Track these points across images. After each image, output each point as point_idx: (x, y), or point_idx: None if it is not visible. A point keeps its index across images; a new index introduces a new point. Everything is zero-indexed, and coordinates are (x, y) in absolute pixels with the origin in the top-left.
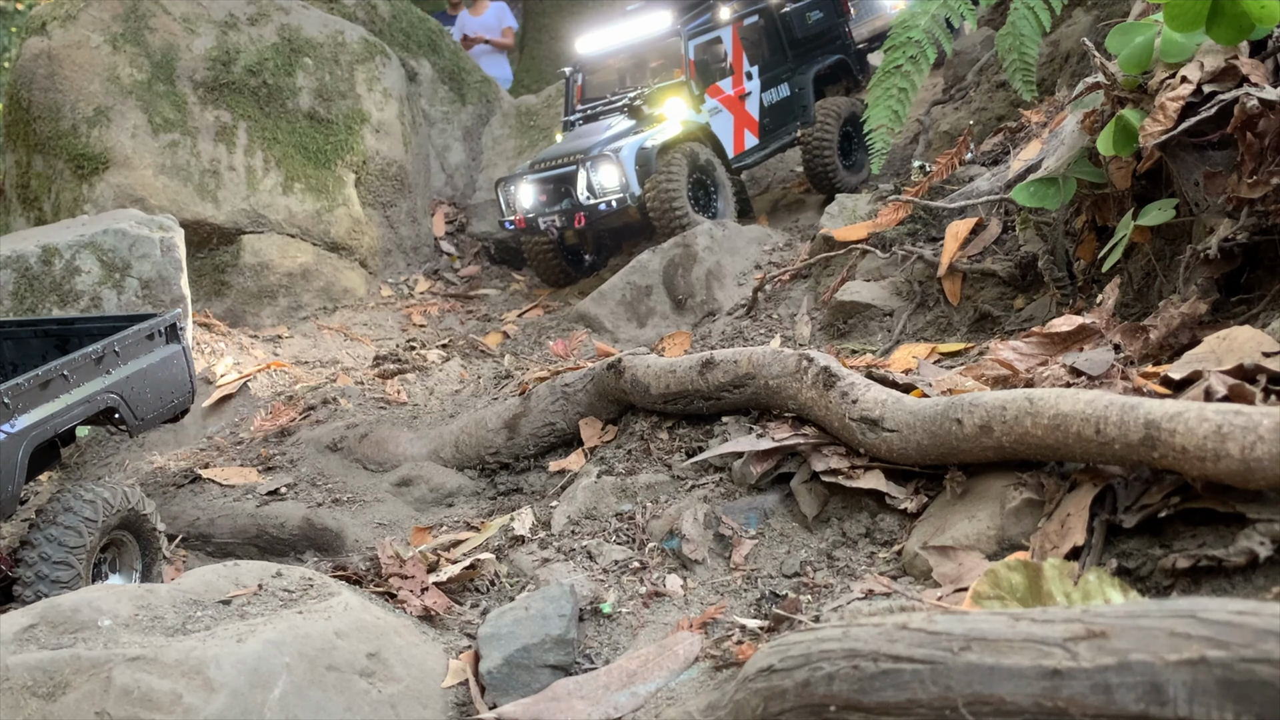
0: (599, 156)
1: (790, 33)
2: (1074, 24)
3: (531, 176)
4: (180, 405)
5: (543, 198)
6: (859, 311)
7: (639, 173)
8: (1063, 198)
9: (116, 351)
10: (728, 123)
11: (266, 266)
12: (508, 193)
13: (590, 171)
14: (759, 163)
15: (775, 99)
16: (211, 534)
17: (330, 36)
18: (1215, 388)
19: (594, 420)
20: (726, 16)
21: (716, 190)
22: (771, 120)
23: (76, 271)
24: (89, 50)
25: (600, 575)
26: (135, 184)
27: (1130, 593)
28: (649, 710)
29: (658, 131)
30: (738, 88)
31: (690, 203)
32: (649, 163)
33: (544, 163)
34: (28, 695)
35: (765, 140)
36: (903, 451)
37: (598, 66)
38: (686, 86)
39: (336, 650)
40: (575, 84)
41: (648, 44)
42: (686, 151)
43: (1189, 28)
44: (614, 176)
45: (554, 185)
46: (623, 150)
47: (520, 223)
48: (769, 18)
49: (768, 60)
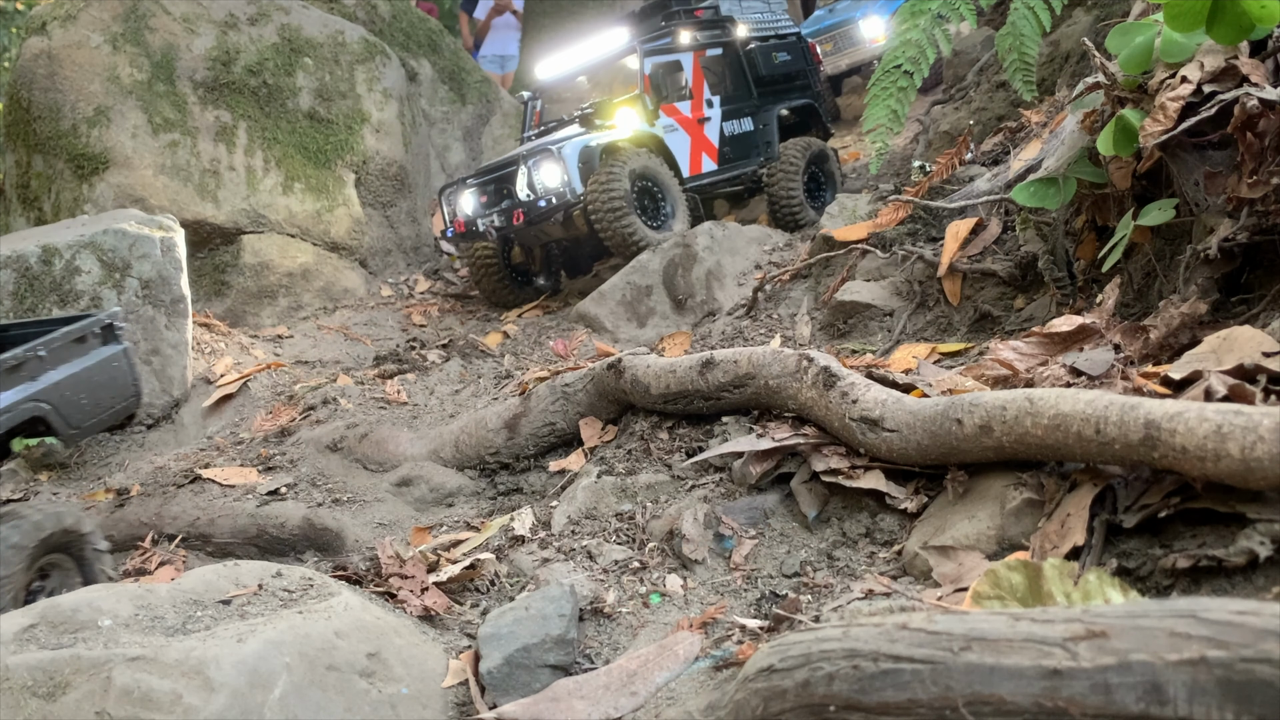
0: (541, 153)
1: (755, 69)
2: (1074, 24)
3: (473, 181)
4: (124, 409)
5: (483, 199)
6: (859, 311)
7: (582, 170)
8: (1063, 198)
9: (41, 356)
10: (684, 141)
11: (266, 266)
12: (450, 200)
13: (531, 168)
14: (715, 190)
15: (737, 130)
16: (211, 534)
17: (330, 36)
18: (1215, 388)
19: (594, 420)
20: (687, 41)
21: (665, 199)
22: (732, 150)
23: (76, 271)
24: (89, 50)
25: (600, 575)
26: (135, 184)
27: (1130, 593)
28: (649, 710)
29: (605, 135)
30: (696, 112)
31: (635, 208)
32: (592, 161)
33: (486, 169)
34: (28, 695)
35: (724, 167)
36: (903, 451)
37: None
38: (640, 100)
39: (336, 650)
40: (534, 109)
41: (608, 66)
42: (633, 154)
43: (1189, 28)
44: (555, 174)
45: (495, 187)
46: (565, 148)
47: (460, 226)
48: (733, 53)
49: (730, 93)
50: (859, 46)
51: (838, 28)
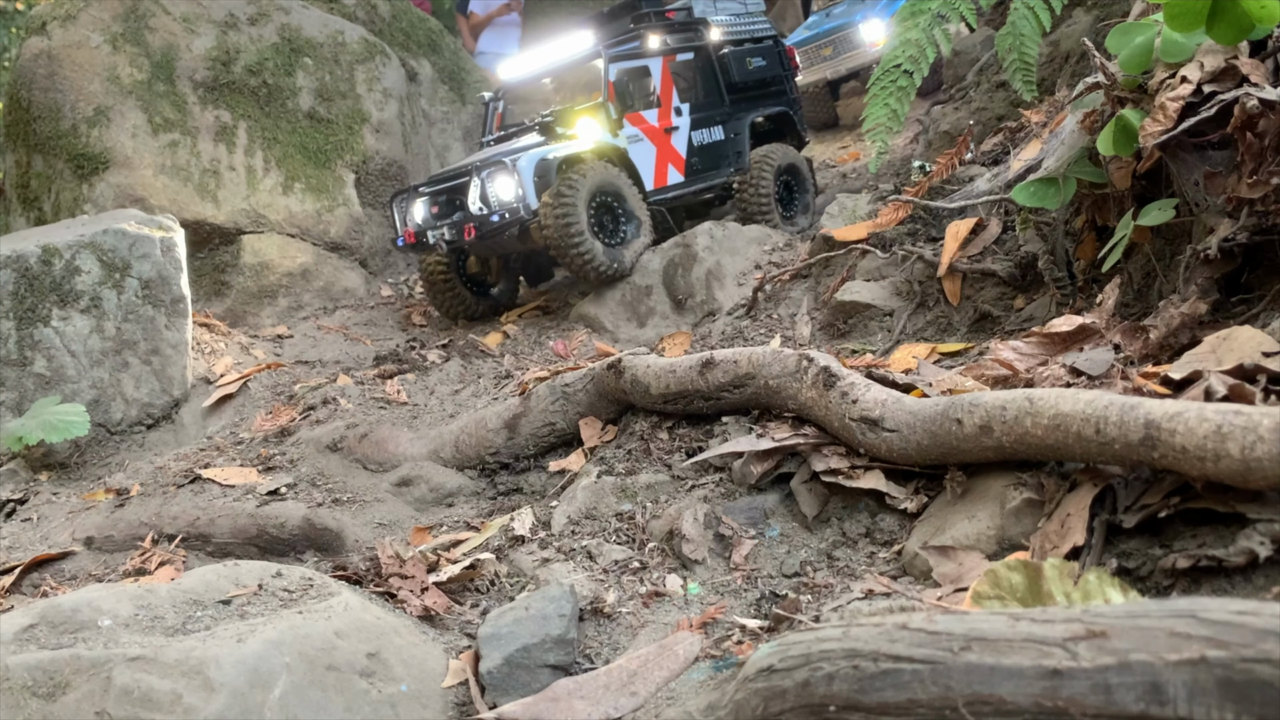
0: (495, 165)
1: (728, 75)
2: (1074, 24)
3: (426, 189)
4: None
5: (434, 210)
6: (859, 311)
7: (537, 184)
8: (1063, 198)
9: None
10: (649, 153)
11: (266, 266)
12: (401, 209)
13: (485, 181)
14: (682, 203)
15: (706, 140)
16: (211, 534)
17: (330, 36)
18: (1215, 388)
19: (594, 420)
20: (656, 46)
21: (626, 218)
22: (701, 161)
23: (76, 271)
24: (89, 50)
25: (600, 575)
26: (135, 184)
27: (1130, 593)
28: (649, 710)
29: (564, 146)
30: (664, 121)
31: (592, 227)
32: (548, 174)
33: (439, 178)
34: (28, 695)
35: (691, 180)
36: (903, 451)
37: (521, 93)
38: (603, 108)
39: (336, 650)
40: (495, 110)
41: (573, 70)
42: (592, 168)
43: (1189, 28)
44: (509, 187)
45: (446, 197)
46: (521, 160)
47: (410, 237)
48: (705, 58)
49: (701, 100)
50: (859, 50)
51: (837, 32)
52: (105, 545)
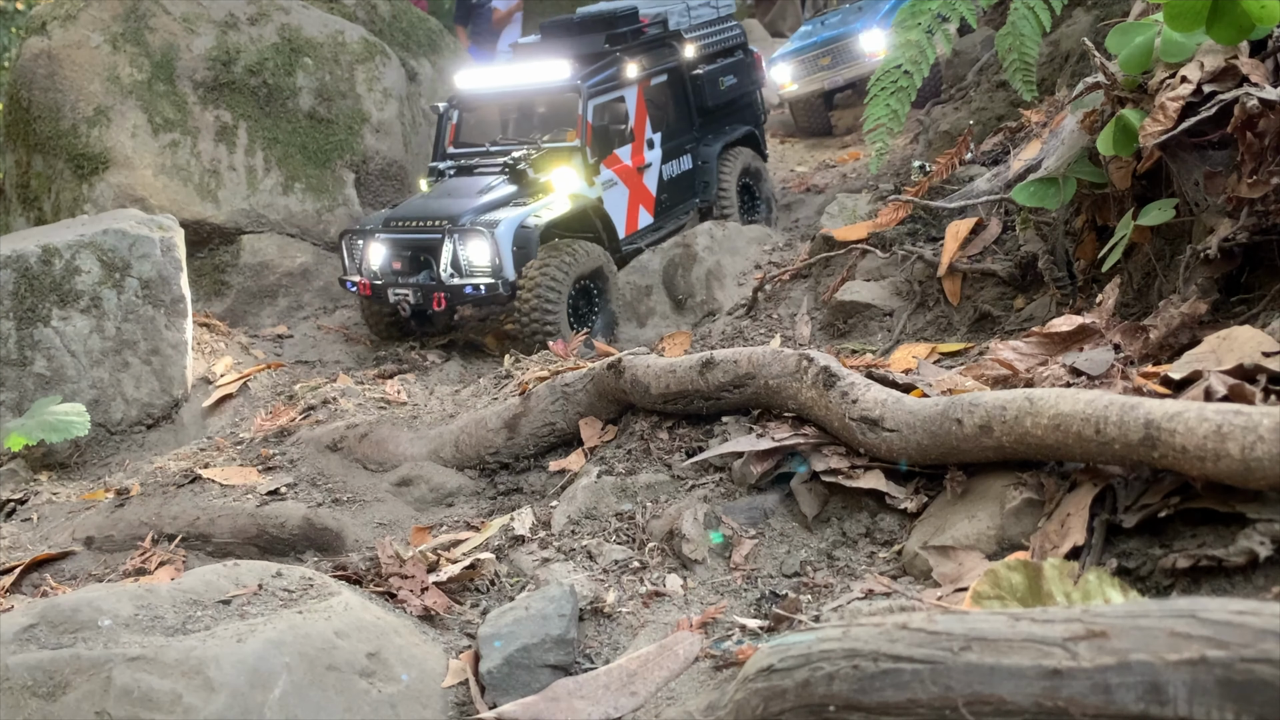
0: (469, 230)
1: (700, 98)
2: (1074, 24)
3: (385, 235)
4: None
5: (396, 265)
6: (859, 311)
7: (516, 255)
8: (1063, 198)
9: None
10: (622, 198)
11: (266, 266)
12: (354, 247)
13: (458, 245)
14: (647, 244)
15: (676, 172)
16: (211, 534)
17: (330, 36)
18: (1215, 388)
19: (594, 420)
20: (634, 75)
21: (600, 298)
22: (669, 197)
23: (76, 271)
24: (89, 50)
25: (600, 575)
26: (135, 184)
27: (1130, 593)
28: (649, 710)
29: (542, 206)
30: (637, 158)
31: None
32: (529, 245)
33: (403, 221)
34: (28, 695)
35: (660, 219)
36: (903, 451)
37: (477, 106)
38: (581, 154)
39: (336, 650)
40: (449, 122)
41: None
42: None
43: (1189, 28)
44: (485, 255)
45: (412, 253)
46: (499, 227)
47: (365, 289)
48: (678, 79)
49: (672, 126)
50: (859, 61)
51: (835, 41)
52: (105, 545)
